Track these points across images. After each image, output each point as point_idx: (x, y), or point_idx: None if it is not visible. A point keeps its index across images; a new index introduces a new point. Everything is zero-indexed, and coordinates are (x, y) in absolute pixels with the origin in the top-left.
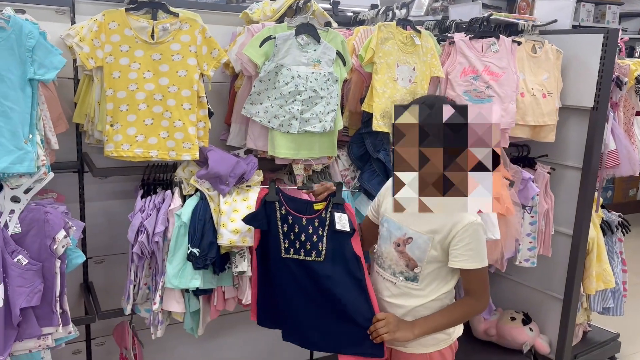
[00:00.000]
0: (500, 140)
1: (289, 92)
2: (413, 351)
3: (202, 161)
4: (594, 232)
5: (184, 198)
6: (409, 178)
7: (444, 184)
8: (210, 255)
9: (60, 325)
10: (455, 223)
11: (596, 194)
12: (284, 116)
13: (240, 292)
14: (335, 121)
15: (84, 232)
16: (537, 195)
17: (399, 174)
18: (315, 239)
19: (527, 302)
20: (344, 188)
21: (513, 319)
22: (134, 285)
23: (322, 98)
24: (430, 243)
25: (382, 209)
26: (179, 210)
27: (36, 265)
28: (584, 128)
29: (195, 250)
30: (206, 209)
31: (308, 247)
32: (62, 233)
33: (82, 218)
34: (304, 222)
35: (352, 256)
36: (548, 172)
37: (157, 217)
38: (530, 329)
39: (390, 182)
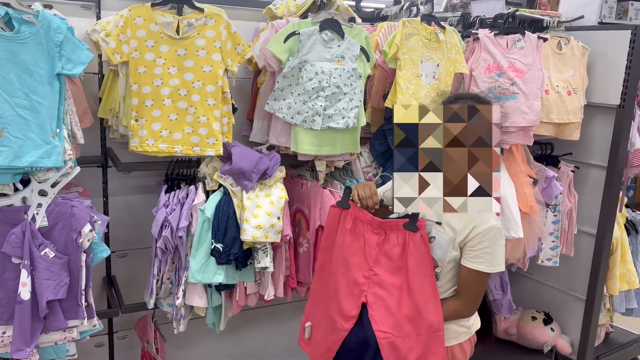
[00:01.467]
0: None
1: (313, 88)
2: None
3: (226, 157)
4: (618, 232)
5: (207, 193)
6: (436, 178)
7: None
8: (233, 250)
9: (86, 318)
10: (477, 224)
11: (621, 193)
12: (307, 112)
13: (262, 287)
14: (358, 117)
15: (107, 226)
16: (561, 193)
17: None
18: None
19: (549, 302)
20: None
21: (534, 318)
22: (157, 280)
23: (345, 94)
24: (452, 244)
25: None
26: (203, 206)
27: (63, 258)
28: (609, 126)
29: (219, 246)
30: (229, 205)
31: None
32: (88, 227)
33: (106, 212)
34: None
35: None
36: (572, 171)
37: (181, 212)
38: (552, 329)
39: None
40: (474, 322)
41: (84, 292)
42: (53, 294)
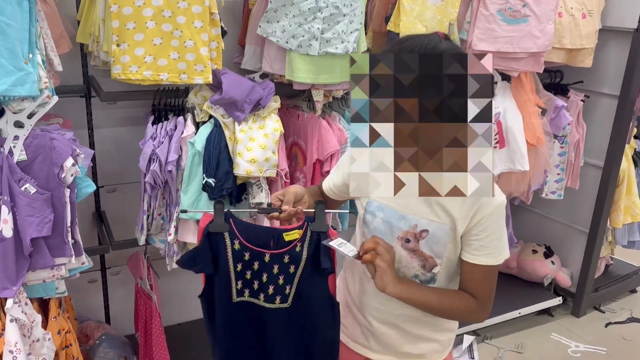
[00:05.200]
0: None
1: (309, 9)
2: None
3: (216, 85)
4: (625, 164)
5: (197, 125)
6: (408, 153)
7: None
8: (226, 185)
9: (73, 256)
10: (482, 204)
11: (630, 124)
12: (303, 36)
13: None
14: (359, 42)
15: (93, 160)
16: (569, 124)
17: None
18: (282, 280)
19: (550, 235)
20: None
21: (535, 252)
22: (148, 216)
23: (344, 16)
24: (451, 234)
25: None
26: (193, 138)
27: (45, 194)
28: (624, 52)
29: (211, 181)
30: (221, 137)
31: (271, 291)
32: (70, 161)
33: (91, 145)
34: (267, 258)
35: (328, 301)
36: (582, 100)
37: (169, 145)
38: (552, 262)
39: None
40: (450, 341)
41: (69, 229)
42: (37, 231)
